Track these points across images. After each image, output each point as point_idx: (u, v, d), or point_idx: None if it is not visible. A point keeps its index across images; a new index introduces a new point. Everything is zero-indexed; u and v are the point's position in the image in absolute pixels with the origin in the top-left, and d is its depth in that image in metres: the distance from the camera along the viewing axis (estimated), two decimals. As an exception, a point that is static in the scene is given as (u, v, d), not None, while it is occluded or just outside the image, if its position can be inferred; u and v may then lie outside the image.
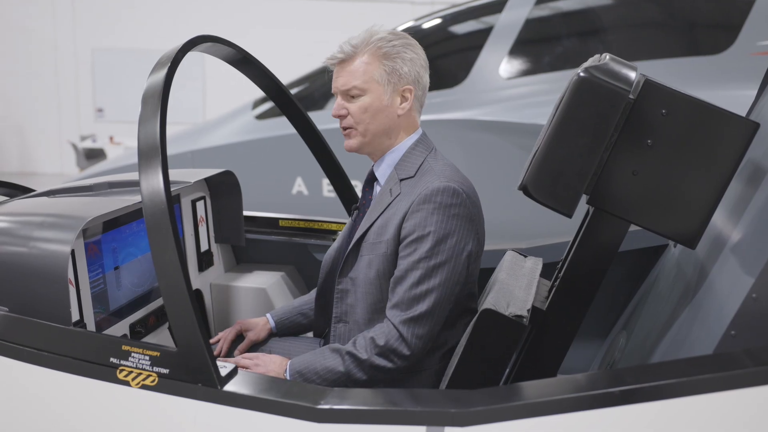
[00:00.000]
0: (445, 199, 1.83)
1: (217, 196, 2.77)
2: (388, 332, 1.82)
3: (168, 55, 1.79)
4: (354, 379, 1.83)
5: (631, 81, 1.62)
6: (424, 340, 1.83)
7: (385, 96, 1.92)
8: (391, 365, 1.81)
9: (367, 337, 1.84)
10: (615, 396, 1.37)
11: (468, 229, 1.86)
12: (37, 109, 12.40)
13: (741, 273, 1.54)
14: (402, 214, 1.87)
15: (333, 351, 1.87)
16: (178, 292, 1.54)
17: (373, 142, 1.96)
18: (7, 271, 1.84)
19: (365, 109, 1.92)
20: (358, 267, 1.95)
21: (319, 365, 1.85)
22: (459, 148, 4.78)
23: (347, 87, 1.92)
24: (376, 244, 1.91)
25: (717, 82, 4.27)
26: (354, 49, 1.92)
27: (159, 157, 1.61)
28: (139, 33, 12.03)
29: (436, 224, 1.82)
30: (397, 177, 1.94)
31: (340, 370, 1.83)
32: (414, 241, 1.83)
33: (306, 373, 1.86)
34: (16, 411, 1.67)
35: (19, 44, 12.12)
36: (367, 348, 1.82)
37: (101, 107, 12.45)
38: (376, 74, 1.91)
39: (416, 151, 1.97)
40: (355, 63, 1.92)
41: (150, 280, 2.41)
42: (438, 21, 5.46)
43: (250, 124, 5.53)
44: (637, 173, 1.63)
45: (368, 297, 1.93)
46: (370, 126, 1.93)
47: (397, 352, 1.81)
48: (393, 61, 1.92)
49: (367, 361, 1.81)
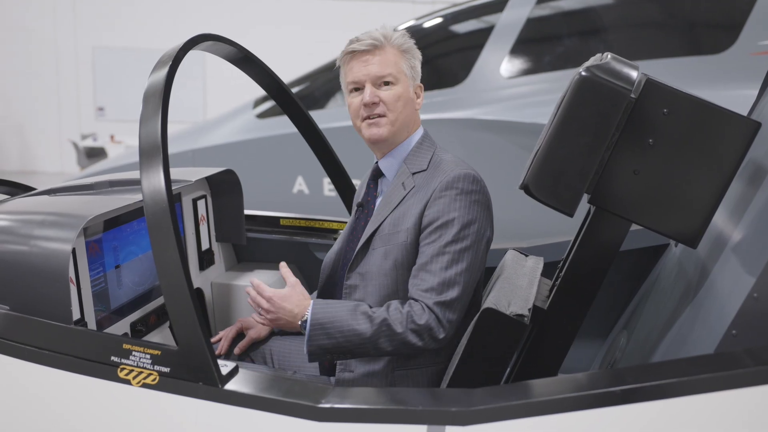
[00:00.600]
0: (466, 185, 1.87)
1: (218, 194, 2.77)
2: (426, 314, 1.81)
3: (169, 54, 1.79)
4: (379, 347, 1.82)
5: (633, 80, 1.62)
6: (453, 325, 1.84)
7: (410, 89, 1.98)
8: (421, 344, 1.82)
9: (403, 311, 1.82)
10: (616, 395, 1.37)
11: (487, 216, 1.91)
12: (38, 107, 12.40)
13: (742, 272, 1.54)
14: (423, 203, 1.89)
15: (364, 315, 1.83)
16: (179, 291, 1.54)
17: (398, 133, 1.99)
18: (8, 270, 1.84)
19: (398, 97, 1.95)
20: (370, 260, 1.95)
21: (346, 325, 1.82)
22: (460, 148, 4.78)
23: (383, 73, 1.94)
24: (392, 235, 1.92)
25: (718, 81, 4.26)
26: (384, 39, 1.95)
27: (160, 156, 1.61)
28: (139, 32, 12.03)
29: (460, 210, 1.85)
30: (409, 171, 1.97)
31: (367, 336, 1.81)
32: (439, 227, 1.85)
33: (329, 327, 1.83)
34: (17, 409, 1.67)
35: (19, 43, 12.12)
36: (403, 322, 1.81)
37: (102, 106, 12.45)
38: (404, 67, 1.97)
39: (424, 146, 2.01)
40: (387, 52, 1.95)
41: (151, 278, 2.41)
42: (439, 20, 5.45)
43: (251, 122, 5.53)
44: (638, 172, 1.63)
45: (381, 289, 1.93)
46: (400, 115, 1.96)
47: (433, 333, 1.81)
48: (412, 57, 1.99)
49: (401, 336, 1.80)
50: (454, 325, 1.84)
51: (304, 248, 2.81)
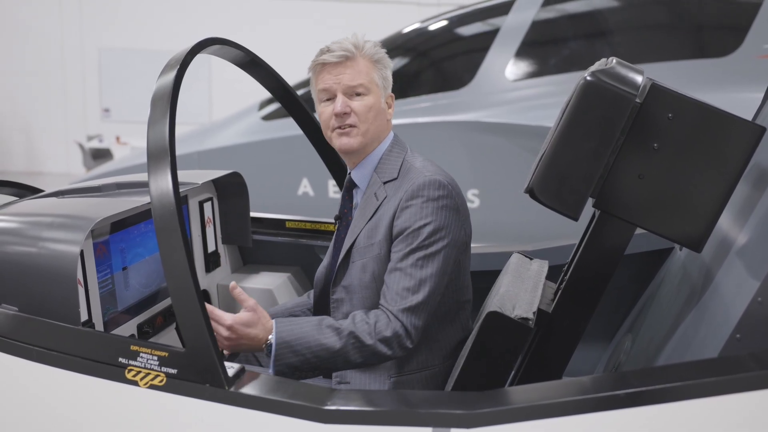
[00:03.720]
0: (431, 192, 1.87)
1: (224, 197, 2.78)
2: (392, 322, 1.81)
3: (177, 57, 1.80)
4: (348, 360, 1.81)
5: (638, 85, 1.62)
6: (420, 330, 1.84)
7: (381, 99, 1.97)
8: (390, 353, 1.82)
9: (370, 321, 1.81)
10: (620, 398, 1.37)
11: (456, 219, 1.90)
12: (44, 108, 12.43)
13: (747, 276, 1.54)
14: (391, 213, 1.89)
15: (330, 328, 1.81)
16: (187, 293, 1.55)
17: (369, 144, 1.98)
18: (16, 271, 1.85)
19: (370, 107, 1.95)
20: (351, 274, 1.95)
21: (313, 340, 1.79)
22: (465, 150, 4.79)
23: (355, 83, 1.93)
24: (368, 248, 1.92)
25: (723, 84, 4.26)
26: (356, 49, 1.94)
27: (168, 159, 1.62)
28: (146, 33, 12.05)
29: (427, 217, 1.85)
30: (380, 180, 1.97)
31: (336, 349, 1.79)
32: (407, 236, 1.86)
33: (296, 345, 1.79)
34: (25, 410, 1.68)
35: (26, 44, 12.16)
36: (372, 333, 1.80)
37: (108, 107, 12.47)
38: (376, 77, 1.96)
39: (393, 153, 2.00)
40: (359, 63, 1.94)
41: (157, 280, 2.42)
42: (444, 23, 5.45)
43: (257, 125, 5.54)
44: (643, 177, 1.63)
45: (365, 301, 1.93)
46: (371, 126, 1.96)
47: (401, 342, 1.81)
48: (384, 67, 1.99)
49: (371, 347, 1.80)
50: (419, 331, 1.84)
51: (309, 251, 2.82)
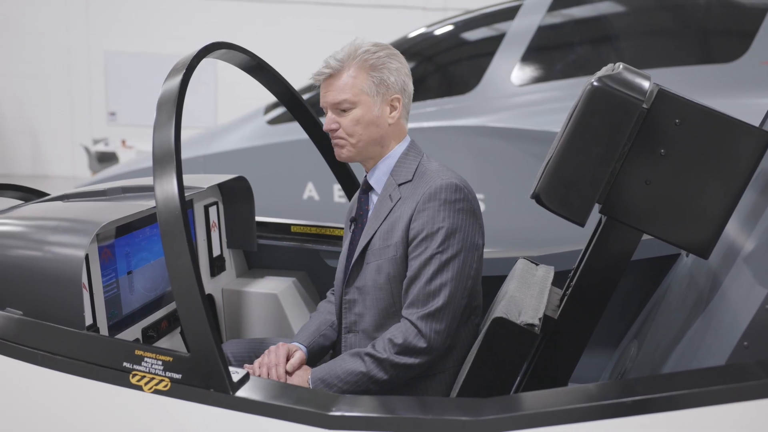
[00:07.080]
0: (449, 195, 1.88)
1: (229, 201, 2.79)
2: (405, 330, 1.84)
3: (183, 62, 1.81)
4: (375, 379, 1.85)
5: (645, 90, 1.62)
6: (443, 335, 1.85)
7: (375, 107, 1.96)
8: (411, 361, 1.84)
9: (385, 338, 1.87)
10: (626, 406, 1.36)
11: (473, 222, 1.91)
12: (50, 111, 12.46)
13: (754, 283, 1.53)
14: (408, 216, 1.90)
15: (353, 355, 1.89)
16: (192, 297, 1.55)
17: (365, 152, 2.00)
18: (21, 275, 1.85)
19: (357, 121, 1.95)
20: (365, 275, 1.97)
21: (339, 369, 1.87)
22: (470, 155, 4.78)
23: (337, 101, 1.95)
24: (383, 249, 1.93)
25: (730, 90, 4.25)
26: (340, 64, 1.95)
27: (173, 164, 1.62)
28: (152, 36, 12.08)
29: (444, 220, 1.86)
30: (395, 182, 1.98)
31: (361, 371, 1.85)
32: (424, 239, 1.87)
33: (327, 378, 1.88)
34: (29, 414, 1.68)
35: (32, 47, 12.19)
36: (386, 347, 1.85)
37: (114, 111, 12.50)
38: (365, 86, 1.95)
39: (409, 157, 2.01)
40: (342, 77, 1.95)
41: (162, 284, 2.42)
42: (450, 27, 5.46)
43: (262, 129, 5.55)
44: (650, 182, 1.63)
45: (378, 303, 1.95)
46: (362, 137, 1.97)
47: (416, 347, 1.83)
48: (380, 71, 1.95)
49: (387, 360, 1.83)
50: (442, 335, 1.85)
51: (314, 255, 2.82)
